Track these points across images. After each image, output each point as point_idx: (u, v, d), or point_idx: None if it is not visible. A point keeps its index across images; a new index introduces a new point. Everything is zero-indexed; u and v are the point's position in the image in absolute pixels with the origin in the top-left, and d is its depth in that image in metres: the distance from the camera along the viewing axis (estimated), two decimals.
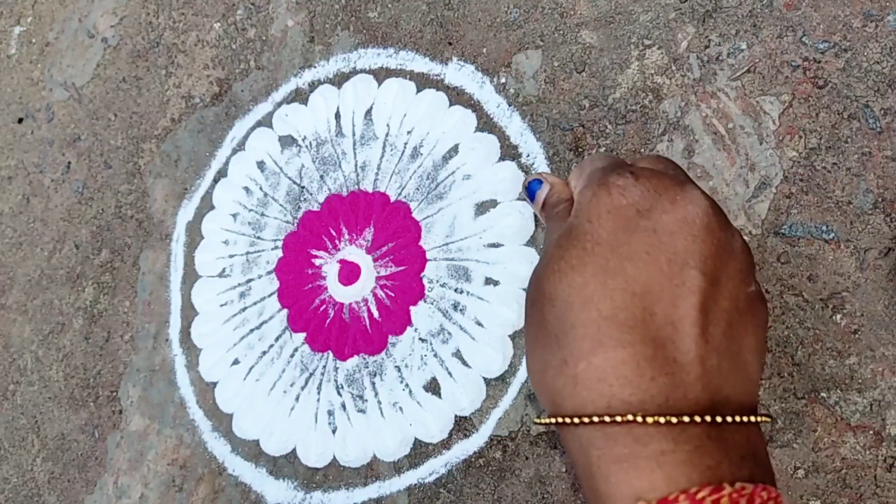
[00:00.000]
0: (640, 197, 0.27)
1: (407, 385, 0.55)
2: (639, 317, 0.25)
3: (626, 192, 0.27)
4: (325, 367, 0.59)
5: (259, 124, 0.67)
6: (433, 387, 0.54)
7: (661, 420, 0.23)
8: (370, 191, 0.61)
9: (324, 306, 0.60)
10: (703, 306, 0.25)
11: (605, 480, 0.24)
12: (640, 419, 0.24)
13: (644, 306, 0.25)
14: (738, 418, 0.24)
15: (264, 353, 0.61)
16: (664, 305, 0.25)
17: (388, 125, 0.61)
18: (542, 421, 0.27)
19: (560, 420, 0.26)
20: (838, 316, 0.45)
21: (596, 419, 0.24)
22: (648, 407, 0.24)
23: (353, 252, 0.60)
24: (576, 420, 0.25)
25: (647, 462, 0.23)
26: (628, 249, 0.26)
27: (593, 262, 0.26)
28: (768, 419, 0.27)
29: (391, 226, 0.59)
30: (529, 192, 0.38)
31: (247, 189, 0.66)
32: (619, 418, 0.24)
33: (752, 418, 0.25)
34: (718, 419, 0.24)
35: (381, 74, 0.63)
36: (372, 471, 0.55)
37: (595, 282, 0.26)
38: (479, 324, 0.54)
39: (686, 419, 0.23)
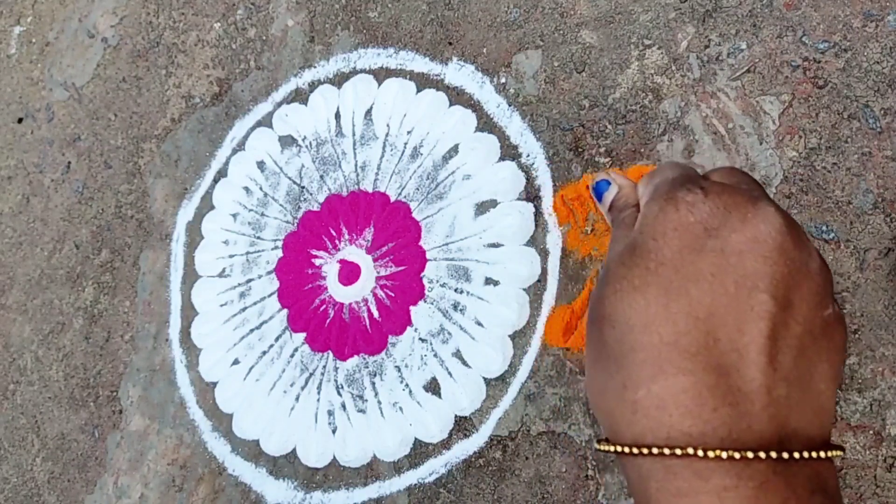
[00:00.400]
0: (709, 214, 0.26)
1: (407, 385, 0.55)
2: (702, 343, 0.24)
3: (695, 208, 0.26)
4: (325, 367, 0.59)
5: (259, 124, 0.67)
6: (433, 387, 0.54)
7: (723, 455, 0.22)
8: (370, 191, 0.61)
9: (324, 306, 0.60)
10: (771, 332, 0.24)
11: None
12: (700, 453, 0.22)
13: (708, 331, 0.24)
14: (805, 454, 0.23)
15: (264, 353, 0.61)
16: (729, 331, 0.24)
17: (388, 125, 0.61)
18: (602, 448, 0.26)
19: (618, 449, 0.25)
20: None
21: (655, 451, 0.23)
22: (710, 440, 0.23)
23: (353, 252, 0.60)
24: (634, 450, 0.24)
25: (708, 497, 0.23)
26: (693, 270, 0.25)
27: (656, 283, 0.25)
28: (840, 453, 0.25)
29: (391, 226, 0.59)
30: (597, 192, 0.37)
31: (247, 189, 0.66)
32: (678, 451, 0.23)
33: (822, 454, 0.24)
34: (785, 455, 0.23)
35: (381, 74, 0.63)
36: (372, 471, 0.55)
37: (657, 304, 0.25)
38: (479, 324, 0.54)
39: (749, 455, 0.22)
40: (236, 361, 0.62)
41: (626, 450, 0.24)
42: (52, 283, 0.74)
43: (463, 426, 0.53)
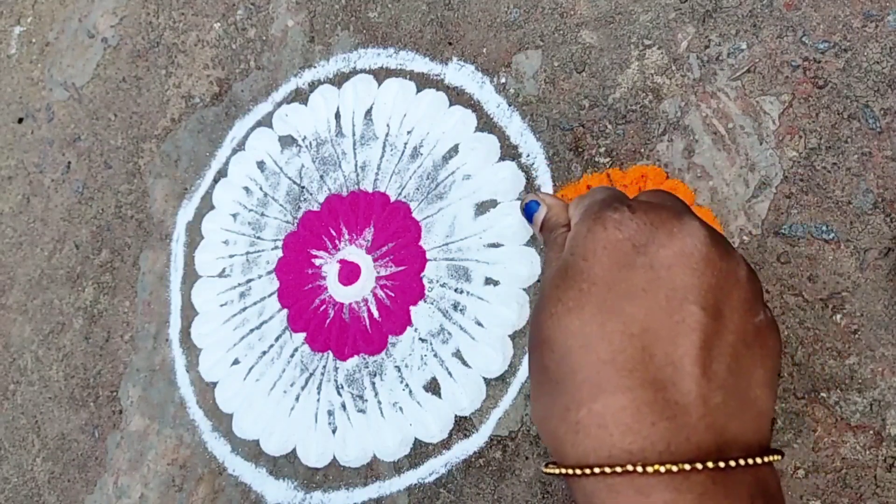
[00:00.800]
0: (637, 231, 0.26)
1: (407, 385, 0.55)
2: (638, 359, 0.24)
3: (622, 226, 0.26)
4: (325, 367, 0.59)
5: (259, 124, 0.67)
6: (433, 387, 0.54)
7: (662, 469, 0.22)
8: (370, 191, 0.61)
9: (324, 306, 0.60)
10: (704, 343, 0.24)
11: None
12: (639, 469, 0.23)
13: (643, 347, 0.24)
14: (742, 461, 0.23)
15: (264, 353, 0.61)
16: (664, 345, 0.24)
17: (388, 125, 0.61)
18: (548, 471, 0.26)
19: (562, 471, 0.25)
20: (838, 316, 0.45)
21: (597, 470, 0.23)
22: (649, 455, 0.23)
23: (353, 252, 0.60)
24: (577, 472, 0.24)
25: None
26: (625, 288, 0.25)
27: (590, 304, 0.25)
28: (778, 458, 0.25)
29: (391, 226, 0.59)
30: (527, 213, 0.37)
31: (247, 189, 0.66)
32: (618, 469, 0.23)
33: (759, 459, 0.24)
34: (721, 464, 0.23)
35: (381, 74, 0.63)
36: (372, 471, 0.55)
37: (593, 324, 0.25)
38: (479, 324, 0.54)
39: (687, 467, 0.22)
40: (236, 361, 0.62)
41: (571, 471, 0.25)
42: (52, 283, 0.74)
43: (463, 426, 0.53)
